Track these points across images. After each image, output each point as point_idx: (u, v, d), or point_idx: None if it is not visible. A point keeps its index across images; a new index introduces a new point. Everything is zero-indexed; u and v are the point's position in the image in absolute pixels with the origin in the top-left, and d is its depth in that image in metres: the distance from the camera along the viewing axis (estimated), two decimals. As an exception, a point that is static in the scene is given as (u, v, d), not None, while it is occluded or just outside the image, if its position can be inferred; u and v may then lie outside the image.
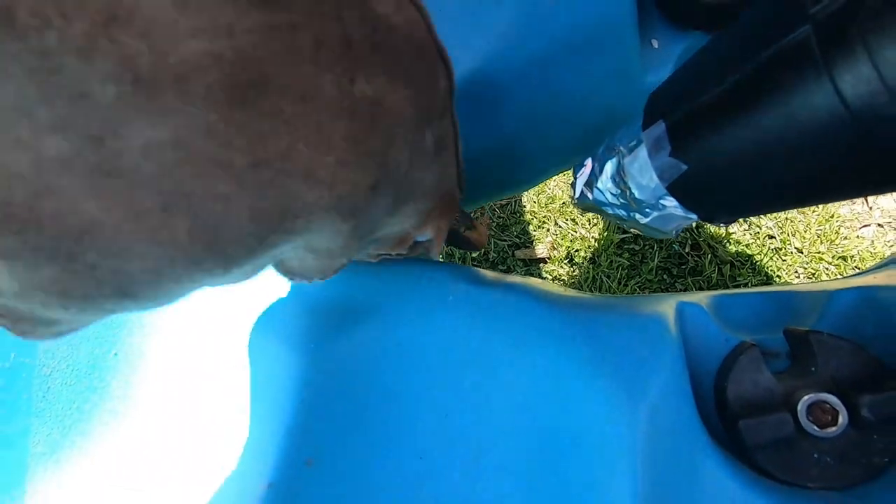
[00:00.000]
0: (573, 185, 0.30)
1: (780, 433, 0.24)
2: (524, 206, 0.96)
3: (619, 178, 0.26)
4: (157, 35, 0.11)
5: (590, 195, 0.28)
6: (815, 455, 0.25)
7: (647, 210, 0.25)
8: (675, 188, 0.23)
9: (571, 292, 0.32)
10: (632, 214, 0.27)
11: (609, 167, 0.27)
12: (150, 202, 0.13)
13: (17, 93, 0.11)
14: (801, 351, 0.27)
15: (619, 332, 0.25)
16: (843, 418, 0.24)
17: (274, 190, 0.14)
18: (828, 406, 0.25)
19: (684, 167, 0.21)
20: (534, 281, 0.32)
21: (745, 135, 0.19)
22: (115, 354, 0.31)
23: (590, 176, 0.29)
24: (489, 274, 0.32)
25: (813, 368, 0.26)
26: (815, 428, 0.24)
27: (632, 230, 0.33)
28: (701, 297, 0.31)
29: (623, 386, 0.24)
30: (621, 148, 0.25)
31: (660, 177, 0.23)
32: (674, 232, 0.26)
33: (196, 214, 0.14)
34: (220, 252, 0.15)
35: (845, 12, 0.15)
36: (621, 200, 0.26)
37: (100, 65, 0.11)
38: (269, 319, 0.32)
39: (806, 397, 0.25)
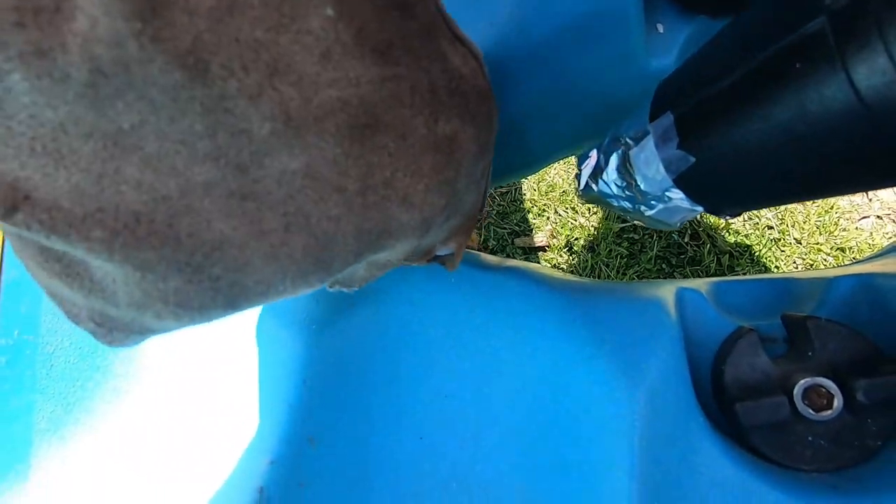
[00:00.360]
0: (578, 177, 0.29)
1: (776, 416, 0.25)
2: (524, 195, 0.96)
3: (625, 169, 0.26)
4: (305, 84, 0.14)
5: (595, 187, 0.28)
6: (810, 438, 0.25)
7: (653, 202, 0.25)
8: (681, 180, 0.23)
9: (571, 277, 0.32)
10: (637, 206, 0.26)
11: (615, 159, 0.26)
12: (275, 223, 0.15)
13: (188, 129, 0.13)
14: (799, 336, 0.27)
15: (618, 315, 0.26)
16: (838, 402, 0.25)
17: (377, 212, 0.17)
18: (823, 390, 0.25)
19: (692, 159, 0.21)
20: (534, 266, 0.33)
21: (755, 127, 0.18)
22: (118, 333, 0.31)
23: (595, 167, 0.28)
24: (490, 258, 0.32)
25: (810, 353, 0.26)
26: (811, 411, 0.25)
27: (635, 221, 0.33)
28: (700, 284, 0.32)
29: (622, 367, 0.24)
30: (627, 139, 0.25)
31: (666, 168, 0.23)
32: (678, 224, 0.26)
33: (312, 233, 0.16)
34: (326, 267, 0.17)
35: (861, 3, 0.14)
36: (627, 192, 0.26)
37: (263, 107, 0.13)
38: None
39: (802, 381, 0.25)
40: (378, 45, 0.15)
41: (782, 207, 0.86)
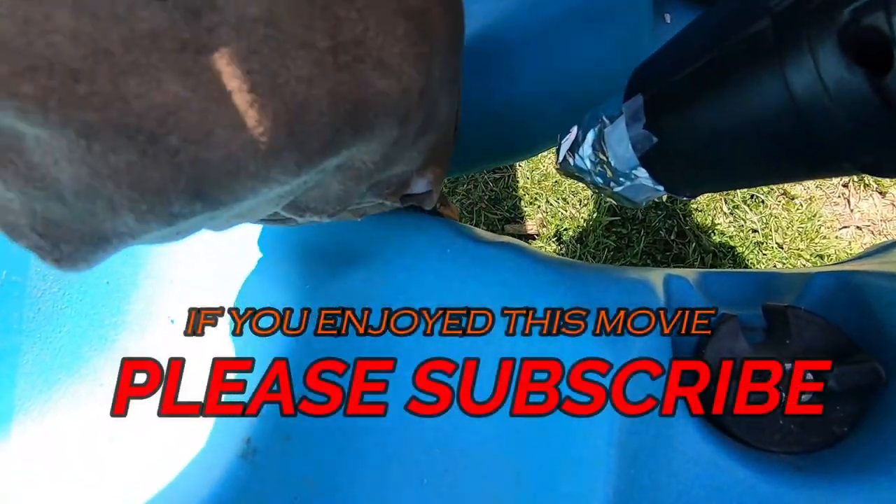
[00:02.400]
0: (557, 150, 0.30)
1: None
2: (517, 182, 0.96)
3: (599, 146, 0.27)
4: None
5: (571, 161, 0.29)
6: (781, 422, 0.26)
7: (621, 179, 0.26)
8: (646, 159, 0.24)
9: (563, 258, 0.33)
10: (607, 182, 0.28)
11: (591, 135, 0.27)
12: (237, 82, 0.13)
13: None
14: (778, 324, 0.28)
15: (607, 291, 0.26)
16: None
17: (351, 75, 0.15)
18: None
19: (655, 140, 0.22)
20: (527, 245, 0.33)
21: (705, 116, 0.20)
22: (107, 282, 0.31)
23: (573, 142, 0.30)
24: (485, 233, 0.33)
25: (787, 341, 0.27)
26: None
27: (607, 200, 0.34)
28: (687, 273, 0.33)
29: (608, 341, 0.25)
30: (604, 118, 0.26)
31: (633, 147, 0.24)
32: (643, 202, 0.28)
33: (280, 97, 0.14)
34: (301, 144, 0.15)
35: (795, 10, 0.15)
36: (599, 168, 0.27)
37: None
38: (263, 260, 0.32)
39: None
40: None
41: (767, 212, 0.88)
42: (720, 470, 0.25)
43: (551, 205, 0.93)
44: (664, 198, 0.25)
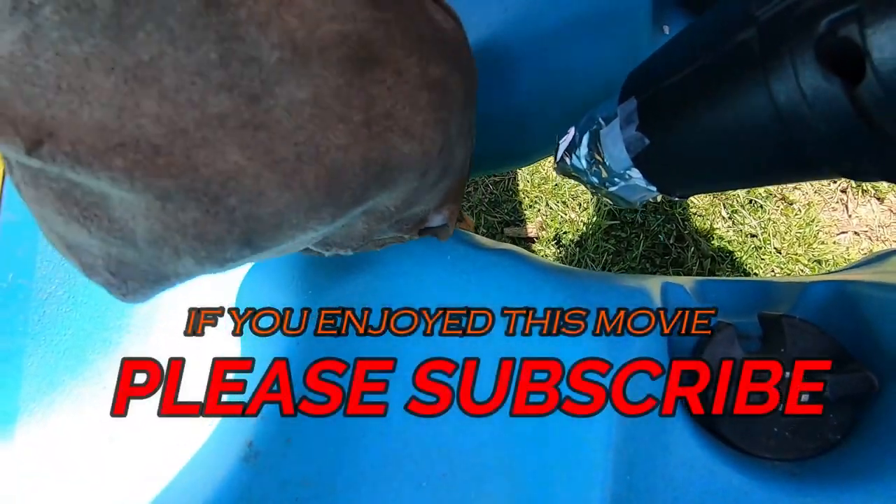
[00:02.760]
0: (555, 151, 0.31)
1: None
2: (517, 185, 0.97)
3: (595, 147, 0.27)
4: (307, 17, 0.15)
5: (568, 161, 0.30)
6: (776, 429, 0.27)
7: (616, 179, 0.27)
8: (639, 160, 0.25)
9: (561, 265, 0.33)
10: (603, 182, 0.28)
11: (587, 136, 0.28)
12: (286, 152, 0.16)
13: (203, 58, 0.14)
14: (773, 333, 0.29)
15: (605, 297, 0.27)
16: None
17: (380, 142, 0.17)
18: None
19: (647, 141, 0.23)
20: (526, 251, 0.33)
21: (695, 120, 0.20)
22: (111, 286, 0.31)
23: (570, 143, 0.30)
24: (485, 239, 0.33)
25: (782, 349, 0.28)
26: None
27: (605, 201, 0.35)
28: (685, 280, 0.33)
29: (605, 347, 0.25)
30: (600, 119, 0.27)
31: (627, 148, 0.25)
32: (638, 203, 0.28)
33: (322, 162, 0.16)
34: (336, 199, 0.17)
35: (780, 21, 0.16)
36: (594, 169, 0.28)
37: (272, 34, 0.14)
38: (264, 263, 0.33)
39: (772, 375, 0.27)
40: None
41: (766, 217, 0.88)
42: (715, 475, 0.25)
43: (551, 208, 0.94)
44: (658, 198, 0.26)
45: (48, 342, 0.29)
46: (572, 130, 0.30)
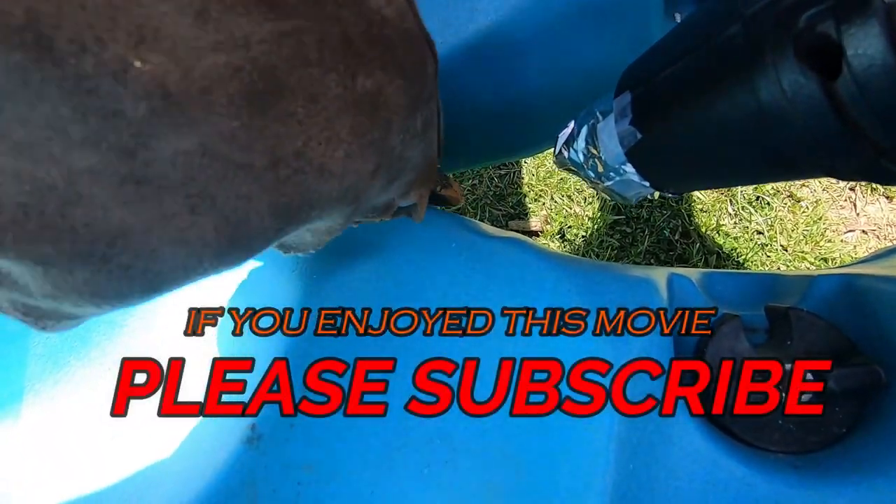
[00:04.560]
0: (555, 143, 0.31)
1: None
2: (522, 178, 0.96)
3: (591, 140, 0.27)
4: (181, 52, 0.12)
5: (566, 154, 0.30)
6: (780, 421, 0.27)
7: (612, 174, 0.27)
8: (632, 155, 0.25)
9: (567, 255, 0.33)
10: (599, 177, 0.28)
11: (585, 130, 0.28)
12: (178, 206, 0.14)
13: (52, 113, 0.11)
14: (779, 325, 0.28)
15: (610, 287, 0.27)
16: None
17: (291, 186, 0.15)
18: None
19: (639, 135, 0.23)
20: (531, 240, 0.33)
21: (685, 115, 0.20)
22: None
23: (569, 136, 0.30)
24: (490, 228, 0.33)
25: (788, 342, 0.28)
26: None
27: (602, 194, 0.35)
28: (691, 272, 0.33)
29: (607, 341, 0.25)
30: (598, 113, 0.27)
31: (621, 143, 0.24)
32: (634, 199, 0.28)
33: (221, 215, 0.14)
34: (244, 246, 0.16)
35: (763, 13, 0.16)
36: (591, 162, 0.28)
37: (132, 85, 0.12)
38: (264, 263, 0.33)
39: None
40: None
41: (772, 214, 0.88)
42: (718, 467, 0.25)
43: (556, 202, 0.93)
44: (655, 196, 0.26)
45: (53, 323, 0.29)
46: (571, 124, 0.31)
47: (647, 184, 0.26)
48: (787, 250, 0.86)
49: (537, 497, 0.25)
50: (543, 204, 0.94)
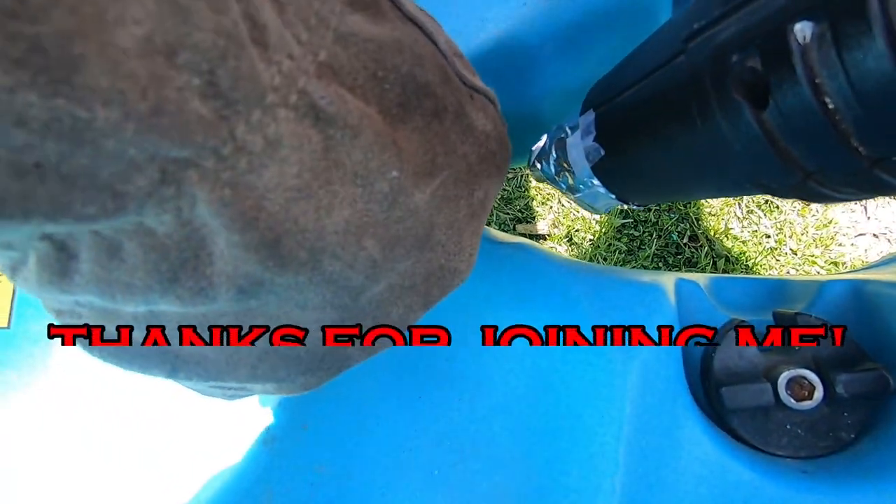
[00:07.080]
0: (529, 156, 0.32)
1: (759, 401, 0.26)
2: (529, 182, 0.97)
3: (562, 154, 0.29)
4: (380, 233, 0.15)
5: (539, 167, 0.31)
6: (788, 426, 0.27)
7: (581, 186, 0.28)
8: (597, 170, 0.26)
9: (575, 260, 0.34)
10: (570, 189, 0.30)
11: (555, 144, 0.29)
12: (368, 323, 0.17)
13: (313, 302, 0.15)
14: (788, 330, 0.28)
15: (619, 292, 0.27)
16: (818, 394, 0.26)
17: (437, 291, 0.19)
18: (806, 382, 0.26)
19: (602, 152, 0.24)
20: (540, 245, 0.34)
21: (638, 137, 0.22)
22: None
23: (542, 149, 0.32)
24: (499, 233, 0.33)
25: (797, 347, 0.28)
26: (792, 401, 0.26)
27: (575, 204, 0.37)
28: (699, 277, 0.33)
29: (613, 349, 0.25)
30: (567, 128, 0.28)
31: (586, 157, 0.26)
32: (604, 209, 0.30)
33: (398, 323, 0.18)
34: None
35: (703, 47, 0.17)
36: (563, 175, 0.29)
37: (359, 265, 0.15)
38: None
39: (786, 372, 0.27)
40: (424, 167, 0.15)
41: (781, 218, 0.88)
42: (727, 471, 0.25)
43: (563, 206, 0.94)
44: (626, 206, 0.28)
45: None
46: (544, 137, 0.32)
47: (614, 196, 0.27)
48: (796, 254, 0.86)
49: (546, 499, 0.25)
50: (551, 207, 0.94)
